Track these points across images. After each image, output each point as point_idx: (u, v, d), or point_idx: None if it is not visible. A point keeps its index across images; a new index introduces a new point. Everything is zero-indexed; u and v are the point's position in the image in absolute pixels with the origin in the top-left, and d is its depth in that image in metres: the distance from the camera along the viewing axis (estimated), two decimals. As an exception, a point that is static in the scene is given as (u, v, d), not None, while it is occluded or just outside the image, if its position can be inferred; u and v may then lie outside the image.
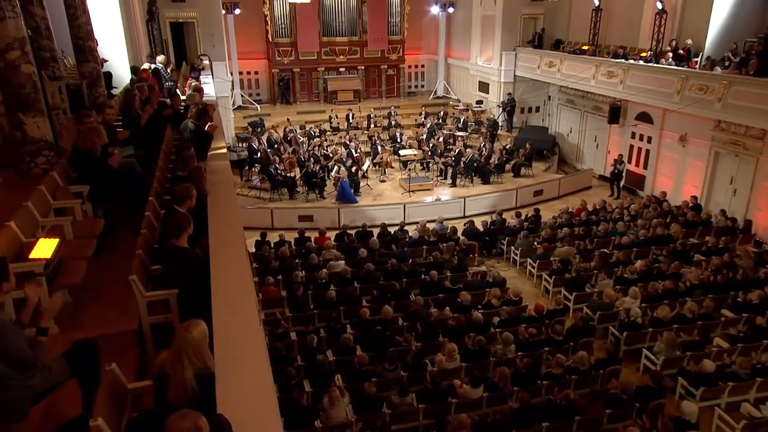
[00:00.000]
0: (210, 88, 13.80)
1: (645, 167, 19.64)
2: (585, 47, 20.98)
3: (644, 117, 19.15)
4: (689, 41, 17.07)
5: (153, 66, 13.10)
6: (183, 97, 12.91)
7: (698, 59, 16.32)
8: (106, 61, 11.46)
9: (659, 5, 17.68)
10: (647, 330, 11.11)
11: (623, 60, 18.34)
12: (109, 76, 11.25)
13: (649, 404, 9.06)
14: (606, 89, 18.92)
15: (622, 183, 19.93)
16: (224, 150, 8.18)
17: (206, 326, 3.43)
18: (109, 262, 5.79)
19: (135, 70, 12.04)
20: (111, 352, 4.50)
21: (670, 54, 17.01)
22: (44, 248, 4.75)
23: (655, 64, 17.10)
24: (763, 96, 13.33)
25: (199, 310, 4.31)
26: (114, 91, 11.70)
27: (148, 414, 3.49)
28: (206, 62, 18.27)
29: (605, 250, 14.41)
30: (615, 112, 19.73)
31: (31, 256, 4.62)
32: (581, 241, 14.98)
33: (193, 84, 12.51)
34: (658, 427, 8.44)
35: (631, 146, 20.13)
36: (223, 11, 20.58)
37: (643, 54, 18.26)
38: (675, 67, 16.19)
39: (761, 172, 15.22)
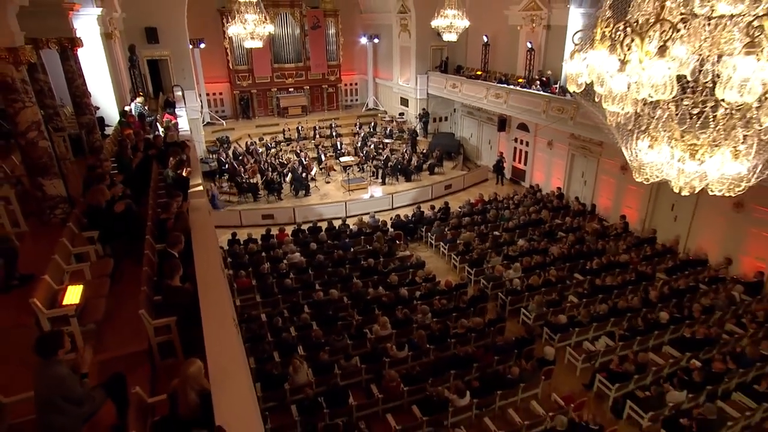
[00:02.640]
0: (184, 121, 13.54)
1: (525, 164, 20.49)
2: (479, 72, 21.23)
3: (523, 126, 19.81)
4: (549, 72, 17.65)
5: (136, 105, 12.89)
6: (161, 129, 12.84)
7: (557, 86, 16.84)
8: (98, 108, 11.15)
9: (529, 45, 18.18)
10: (524, 294, 11.77)
11: (505, 85, 18.75)
12: (101, 120, 11.03)
13: (524, 349, 9.82)
14: (495, 107, 19.29)
15: (508, 176, 21.06)
16: (201, 188, 8.18)
17: (201, 363, 3.79)
18: (119, 291, 5.80)
19: (123, 113, 11.78)
20: (129, 367, 4.80)
21: (538, 81, 17.52)
22: (73, 294, 4.85)
23: (528, 89, 17.53)
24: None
25: (193, 331, 4.77)
26: (107, 130, 11.49)
27: (165, 419, 3.83)
28: (179, 93, 17.85)
29: (496, 233, 14.95)
30: (502, 123, 20.62)
31: (64, 303, 4.72)
32: (479, 227, 15.47)
33: (166, 123, 12.25)
34: (529, 365, 9.25)
35: (515, 148, 20.76)
36: (191, 46, 20.04)
37: (520, 80, 18.68)
38: (541, 93, 16.71)
39: (601, 168, 16.44)
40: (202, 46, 21.64)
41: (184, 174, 7.73)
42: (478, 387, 8.67)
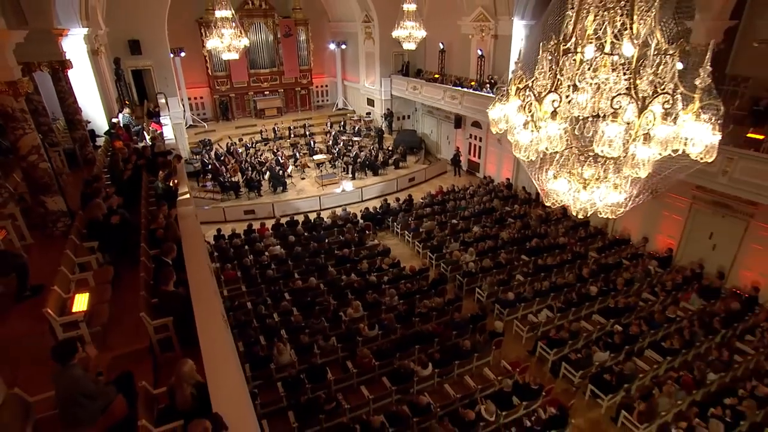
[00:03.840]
0: (169, 129, 13.40)
1: (479, 157, 21.00)
2: (436, 75, 21.42)
3: (477, 124, 20.21)
4: (496, 76, 17.99)
5: (123, 116, 12.69)
6: (148, 137, 12.67)
7: (506, 89, 17.27)
8: (89, 122, 10.98)
9: (479, 52, 18.54)
10: (478, 275, 12.22)
11: (460, 87, 18.96)
12: (92, 132, 10.85)
13: (478, 324, 10.33)
14: (451, 107, 19.52)
15: (464, 168, 21.54)
16: (188, 196, 8.24)
17: (192, 362, 4.05)
18: (120, 295, 5.91)
19: (112, 125, 11.61)
20: (134, 362, 5.04)
21: (488, 84, 17.83)
22: (81, 302, 5.02)
23: (479, 92, 17.79)
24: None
25: (188, 327, 5.02)
26: (98, 141, 11.31)
27: (167, 407, 4.13)
28: (162, 101, 17.54)
29: (454, 221, 15.32)
30: (458, 121, 20.96)
31: (74, 310, 4.86)
32: (439, 216, 15.82)
33: (152, 133, 12.08)
34: (482, 338, 9.81)
35: (470, 143, 21.15)
36: (172, 55, 19.60)
37: (472, 83, 18.95)
38: (490, 95, 16.70)
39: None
40: (183, 54, 21.15)
41: (172, 185, 7.80)
42: (439, 359, 9.09)
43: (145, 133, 12.77)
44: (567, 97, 2.73)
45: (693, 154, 2.72)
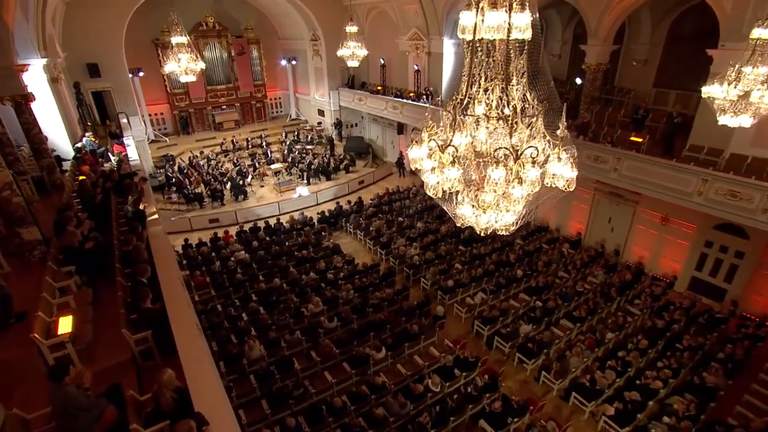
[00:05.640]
0: (132, 150, 12.99)
1: None
2: (379, 87, 21.66)
3: (417, 130, 21.04)
4: (431, 88, 18.61)
5: (87, 141, 12.20)
6: (113, 158, 12.26)
7: (439, 99, 17.73)
8: (54, 150, 10.46)
9: (416, 67, 19.15)
10: (422, 266, 12.74)
11: (400, 98, 19.36)
12: (58, 158, 10.39)
13: (423, 310, 10.87)
14: (393, 116, 19.92)
15: (408, 169, 22.01)
16: (156, 216, 8.18)
17: (171, 370, 4.21)
18: (100, 313, 5.82)
19: (78, 150, 11.12)
20: (119, 374, 5.13)
21: (425, 96, 18.43)
22: (65, 324, 4.99)
23: (417, 102, 18.32)
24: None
25: (166, 337, 5.19)
26: (64, 165, 10.84)
27: (153, 411, 4.25)
28: (124, 120, 16.86)
29: (400, 219, 15.85)
30: (400, 127, 21.37)
31: (59, 332, 4.83)
32: (386, 215, 16.27)
33: (117, 155, 11.71)
34: (427, 322, 10.46)
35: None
36: (130, 75, 18.79)
37: (411, 94, 19.40)
38: (426, 105, 17.19)
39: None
40: (141, 74, 20.23)
41: (141, 207, 7.77)
42: (391, 343, 9.58)
43: (110, 154, 12.36)
44: (473, 138, 3.28)
45: (559, 186, 3.33)
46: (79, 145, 11.49)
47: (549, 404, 8.83)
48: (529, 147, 2.99)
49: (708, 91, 7.51)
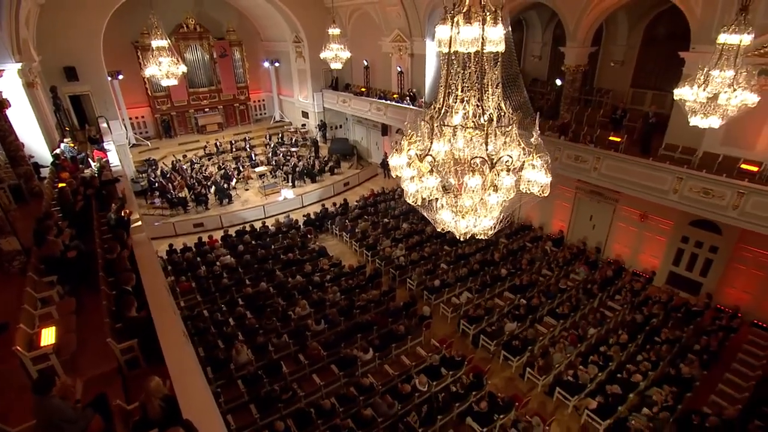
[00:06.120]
0: (114, 155, 12.80)
1: None
2: (363, 89, 21.68)
3: (401, 131, 21.14)
4: (415, 89, 18.73)
5: (65, 147, 11.97)
6: (93, 164, 12.05)
7: (422, 100, 17.93)
8: (32, 157, 10.27)
9: (399, 68, 19.28)
10: (408, 267, 12.86)
11: (384, 100, 19.38)
12: (36, 165, 10.20)
13: (410, 310, 10.96)
14: (377, 117, 19.98)
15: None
16: (140, 223, 8.09)
17: (158, 378, 4.22)
18: (84, 322, 5.69)
19: (56, 156, 10.92)
20: (105, 384, 5.09)
21: (408, 97, 18.47)
22: (48, 335, 4.88)
23: (400, 104, 18.34)
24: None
25: (153, 345, 5.19)
26: (42, 172, 10.59)
27: (140, 420, 4.23)
28: (104, 125, 16.56)
29: (386, 220, 15.95)
30: (384, 129, 21.48)
31: (42, 344, 4.74)
32: (372, 216, 16.35)
33: (98, 161, 11.51)
34: (413, 322, 10.53)
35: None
36: (109, 78, 18.46)
37: (394, 96, 19.44)
38: (410, 107, 17.56)
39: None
40: (121, 77, 19.85)
41: (123, 215, 7.71)
42: (378, 344, 9.68)
43: (90, 160, 12.15)
44: (451, 146, 3.41)
45: (534, 192, 3.47)
46: (57, 151, 11.27)
47: (534, 400, 9.04)
48: (503, 155, 3.12)
49: (679, 93, 7.79)
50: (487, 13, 3.15)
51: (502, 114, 3.44)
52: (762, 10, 8.80)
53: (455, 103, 3.45)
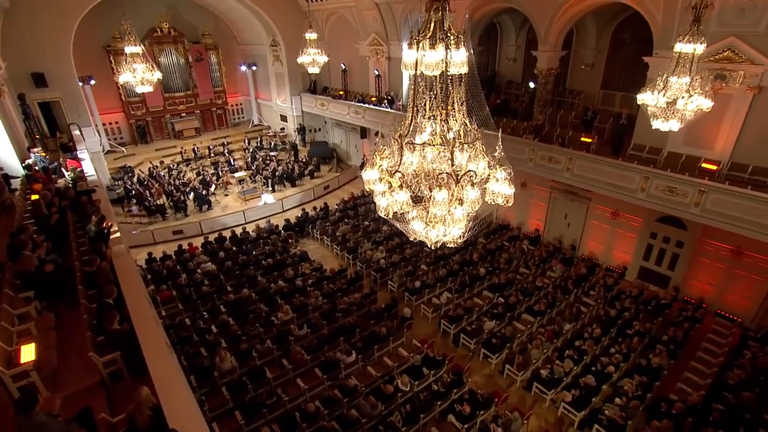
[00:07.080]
0: (88, 164, 12.60)
1: None
2: (341, 92, 21.79)
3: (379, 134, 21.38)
4: (392, 93, 19.00)
5: (37, 156, 11.76)
6: (67, 174, 11.85)
7: (400, 103, 18.08)
8: (1, 169, 10.09)
9: (376, 72, 19.49)
10: (389, 269, 13.07)
11: (362, 103, 19.49)
12: (6, 177, 10.00)
13: (391, 312, 11.18)
14: (356, 120, 20.03)
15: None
16: (118, 234, 8.06)
17: (147, 388, 4.32)
18: (64, 337, 5.65)
19: (28, 167, 10.72)
20: (88, 398, 5.13)
21: (386, 100, 18.73)
22: (28, 352, 4.87)
23: (378, 107, 18.57)
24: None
25: (136, 356, 5.25)
26: (13, 183, 10.41)
27: (127, 431, 4.32)
28: (77, 132, 16.24)
29: (366, 223, 16.08)
30: (363, 131, 21.62)
31: (22, 361, 4.71)
32: (352, 220, 16.44)
33: (72, 171, 11.32)
34: (395, 323, 10.80)
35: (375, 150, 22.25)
36: (81, 83, 18.08)
37: (373, 99, 19.61)
38: (388, 110, 17.91)
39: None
40: (93, 82, 19.47)
41: (104, 227, 7.67)
42: (361, 346, 9.86)
43: (63, 170, 11.95)
44: (422, 158, 3.64)
45: (499, 202, 3.73)
46: (29, 161, 11.07)
47: (513, 395, 9.38)
48: (467, 171, 3.37)
49: (642, 98, 8.24)
50: (451, 38, 3.39)
51: (468, 130, 3.69)
52: (714, 20, 9.34)
53: (423, 120, 3.68)
